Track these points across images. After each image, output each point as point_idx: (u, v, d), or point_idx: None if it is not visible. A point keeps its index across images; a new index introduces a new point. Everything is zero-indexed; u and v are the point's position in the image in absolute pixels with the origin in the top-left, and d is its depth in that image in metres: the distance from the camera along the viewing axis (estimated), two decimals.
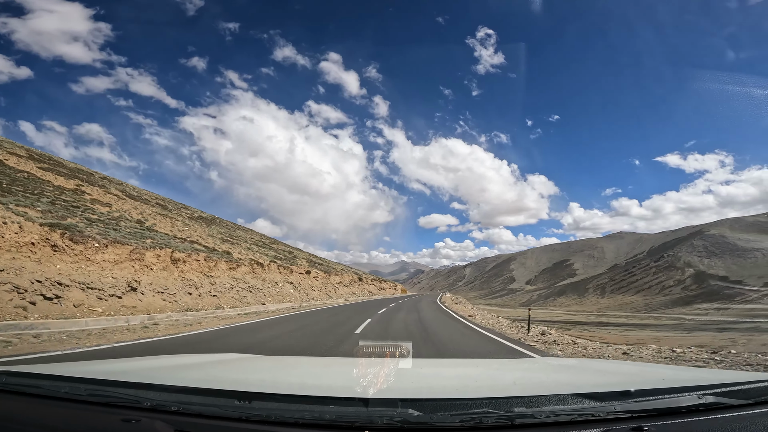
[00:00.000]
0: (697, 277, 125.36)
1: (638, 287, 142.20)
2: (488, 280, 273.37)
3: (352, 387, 1.39)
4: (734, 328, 46.24)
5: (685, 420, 1.07)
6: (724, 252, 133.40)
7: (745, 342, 25.92)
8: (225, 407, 1.09)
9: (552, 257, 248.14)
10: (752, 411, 1.12)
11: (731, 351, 7.49)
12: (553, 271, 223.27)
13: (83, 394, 1.20)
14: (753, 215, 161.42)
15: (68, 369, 1.67)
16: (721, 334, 37.45)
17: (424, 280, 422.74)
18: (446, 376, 1.91)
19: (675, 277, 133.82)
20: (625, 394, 1.14)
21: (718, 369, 5.10)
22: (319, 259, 50.76)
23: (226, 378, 1.67)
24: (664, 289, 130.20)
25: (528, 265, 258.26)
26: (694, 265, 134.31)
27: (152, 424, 1.05)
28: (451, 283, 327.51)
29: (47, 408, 1.18)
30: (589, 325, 53.23)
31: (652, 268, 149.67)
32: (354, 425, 1.02)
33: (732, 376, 1.66)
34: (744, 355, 6.78)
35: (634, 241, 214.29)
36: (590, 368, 2.23)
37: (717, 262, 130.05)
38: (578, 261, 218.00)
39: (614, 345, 9.31)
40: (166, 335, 8.65)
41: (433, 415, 1.03)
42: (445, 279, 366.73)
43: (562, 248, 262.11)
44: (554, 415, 1.04)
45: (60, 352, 6.12)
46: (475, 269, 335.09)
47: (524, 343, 8.62)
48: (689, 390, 1.18)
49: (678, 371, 2.37)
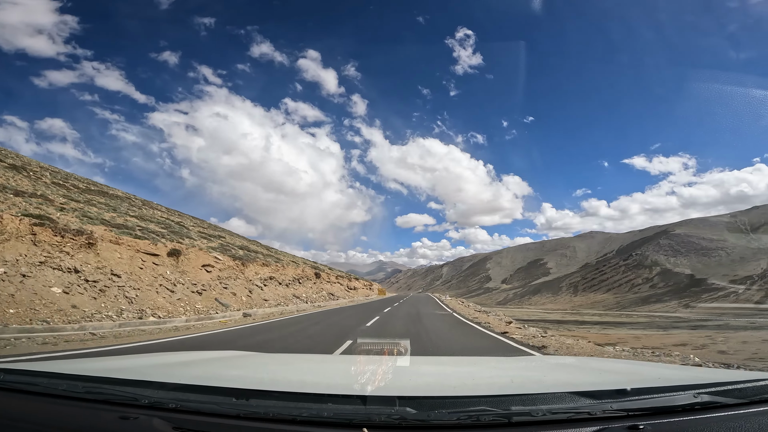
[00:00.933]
0: (664, 275, 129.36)
1: (609, 285, 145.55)
2: (465, 279, 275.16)
3: (350, 385, 1.39)
4: (706, 326, 46.08)
5: (680, 419, 1.08)
6: (689, 251, 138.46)
7: (724, 340, 24.75)
8: (223, 404, 1.09)
9: (527, 256, 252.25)
10: (747, 410, 1.12)
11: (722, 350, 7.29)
12: (528, 270, 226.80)
13: (80, 391, 1.20)
14: (716, 215, 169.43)
15: (65, 366, 1.67)
16: (696, 332, 36.80)
17: (401, 279, 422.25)
18: (444, 374, 1.95)
19: (643, 275, 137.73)
20: (622, 393, 1.15)
21: (713, 368, 4.85)
22: (247, 241, 35.57)
23: (224, 375, 1.68)
24: (634, 287, 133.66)
25: (504, 264, 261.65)
26: (660, 263, 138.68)
27: (150, 421, 1.05)
28: (428, 283, 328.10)
29: (44, 405, 1.17)
30: (567, 324, 52.09)
31: (622, 267, 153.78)
32: (352, 423, 1.02)
33: (727, 375, 1.66)
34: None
35: (604, 240, 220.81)
36: (587, 367, 2.24)
37: (683, 261, 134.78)
38: (552, 260, 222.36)
39: (610, 345, 8.93)
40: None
41: (431, 412, 1.04)
42: (422, 278, 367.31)
43: (536, 247, 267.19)
44: (551, 413, 1.05)
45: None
46: (452, 268, 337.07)
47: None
48: (685, 389, 1.19)
49: (674, 370, 2.39)
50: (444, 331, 11.27)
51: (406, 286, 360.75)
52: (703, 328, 43.75)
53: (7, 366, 1.37)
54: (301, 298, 24.56)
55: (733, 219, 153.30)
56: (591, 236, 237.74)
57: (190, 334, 9.46)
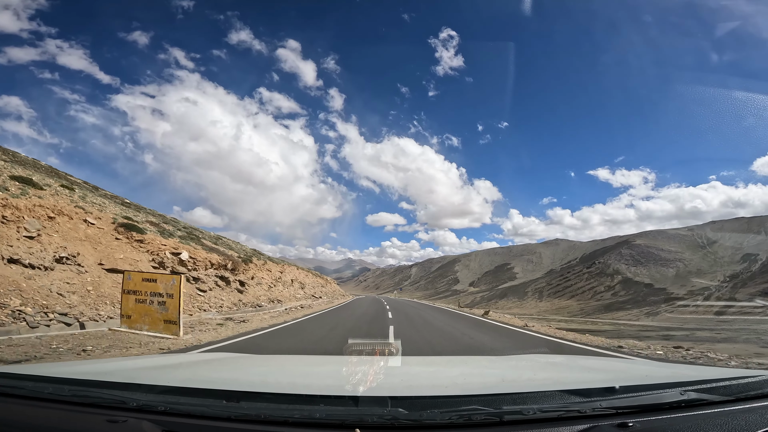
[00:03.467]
0: (625, 284, 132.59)
1: (573, 292, 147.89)
2: (433, 281, 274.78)
3: (342, 385, 1.39)
4: (675, 336, 44.56)
5: (668, 416, 1.10)
6: (648, 261, 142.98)
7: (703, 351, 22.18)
8: (213, 407, 1.08)
9: (494, 260, 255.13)
10: (733, 407, 1.15)
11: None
12: (495, 273, 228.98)
13: (67, 394, 1.18)
14: (674, 228, 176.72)
15: (52, 369, 1.66)
16: (670, 342, 34.87)
17: (370, 278, 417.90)
18: (435, 374, 1.95)
19: (605, 283, 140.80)
20: (610, 391, 1.17)
21: (699, 365, 4.82)
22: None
23: (214, 377, 1.67)
24: (596, 294, 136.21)
25: (472, 267, 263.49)
26: (622, 272, 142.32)
27: (139, 424, 1.04)
28: (396, 283, 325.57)
29: (31, 409, 1.15)
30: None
31: (585, 274, 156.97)
32: (344, 424, 1.02)
33: (713, 373, 1.71)
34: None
35: (568, 248, 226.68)
36: (577, 365, 2.27)
37: (642, 270, 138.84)
38: (518, 265, 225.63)
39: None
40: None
41: (423, 412, 1.04)
42: (390, 278, 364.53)
43: (503, 252, 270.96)
44: (542, 411, 1.07)
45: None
46: (421, 269, 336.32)
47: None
48: (672, 386, 1.22)
49: (661, 368, 2.45)
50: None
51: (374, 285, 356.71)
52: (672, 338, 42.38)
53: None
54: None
55: (690, 232, 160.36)
56: (556, 243, 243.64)
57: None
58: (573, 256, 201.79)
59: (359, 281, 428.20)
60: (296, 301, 25.52)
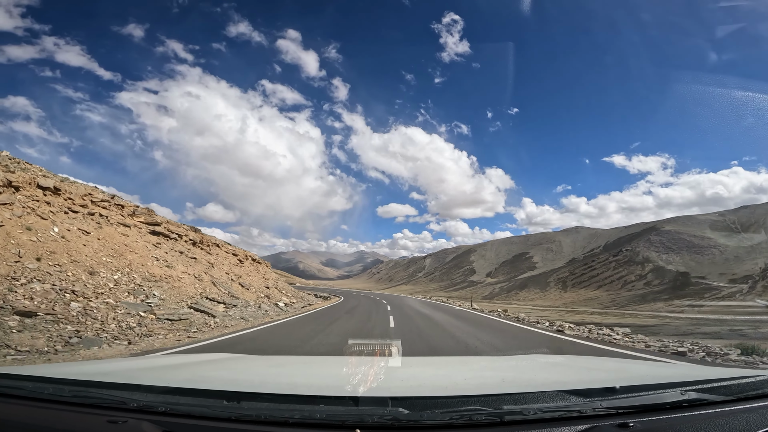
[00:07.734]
0: (657, 273, 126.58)
1: (600, 282, 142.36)
2: (448, 272, 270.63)
3: (342, 386, 1.39)
4: (743, 331, 39.51)
5: (668, 416, 1.10)
6: (681, 248, 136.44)
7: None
8: (213, 407, 1.08)
9: (511, 249, 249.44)
10: (733, 407, 1.15)
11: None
12: (513, 263, 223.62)
13: (67, 395, 1.17)
14: (703, 214, 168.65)
15: (52, 370, 1.66)
16: (738, 340, 30.12)
17: (383, 270, 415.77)
18: (436, 374, 1.95)
19: (636, 272, 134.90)
20: (611, 391, 1.18)
21: (700, 365, 4.73)
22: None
23: (214, 378, 1.66)
24: (627, 284, 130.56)
25: (488, 257, 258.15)
26: (652, 260, 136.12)
27: (139, 425, 1.04)
28: (410, 275, 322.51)
29: (31, 410, 1.15)
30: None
31: (612, 263, 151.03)
32: (344, 424, 1.02)
33: (713, 373, 1.69)
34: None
35: (590, 235, 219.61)
36: (577, 365, 2.26)
37: (675, 258, 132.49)
38: (537, 254, 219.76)
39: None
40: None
41: (423, 413, 1.05)
42: (404, 270, 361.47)
43: (520, 241, 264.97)
44: (542, 411, 1.07)
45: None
46: (435, 260, 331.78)
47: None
48: (673, 386, 1.22)
49: (662, 367, 2.43)
50: None
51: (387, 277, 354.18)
52: (747, 336, 37.44)
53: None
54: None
55: (721, 218, 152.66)
56: (576, 231, 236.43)
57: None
58: (596, 243, 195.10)
59: (372, 273, 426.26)
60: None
